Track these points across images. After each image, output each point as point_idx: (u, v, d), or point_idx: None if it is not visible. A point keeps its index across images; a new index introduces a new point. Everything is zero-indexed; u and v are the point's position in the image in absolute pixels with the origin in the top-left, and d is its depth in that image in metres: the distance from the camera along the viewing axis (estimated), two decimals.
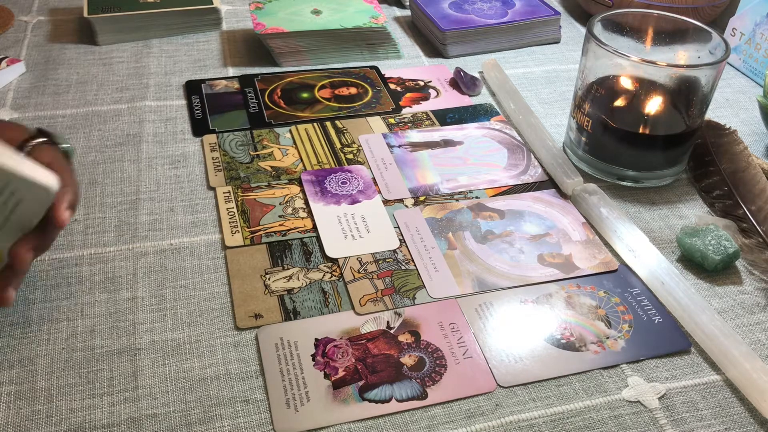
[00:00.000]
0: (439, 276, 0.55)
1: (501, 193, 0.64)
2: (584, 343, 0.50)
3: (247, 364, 0.48)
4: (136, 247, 0.56)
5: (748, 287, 0.56)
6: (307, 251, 0.57)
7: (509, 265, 0.56)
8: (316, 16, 0.83)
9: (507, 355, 0.49)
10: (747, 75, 0.85)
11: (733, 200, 0.62)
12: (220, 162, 0.66)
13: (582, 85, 0.65)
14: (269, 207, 0.61)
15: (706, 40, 0.64)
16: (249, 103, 0.74)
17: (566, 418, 0.45)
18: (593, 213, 0.61)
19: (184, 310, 0.51)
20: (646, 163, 0.65)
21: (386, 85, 0.79)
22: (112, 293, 0.52)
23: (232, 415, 0.45)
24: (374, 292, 0.53)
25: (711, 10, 0.89)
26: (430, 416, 0.45)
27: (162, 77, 0.78)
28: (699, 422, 0.46)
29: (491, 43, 0.87)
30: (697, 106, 0.63)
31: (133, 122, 0.71)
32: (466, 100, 0.77)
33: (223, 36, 0.87)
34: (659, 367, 0.49)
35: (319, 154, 0.67)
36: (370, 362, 0.48)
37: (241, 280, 0.54)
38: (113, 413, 0.44)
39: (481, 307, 0.53)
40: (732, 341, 0.49)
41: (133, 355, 0.48)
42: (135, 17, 0.83)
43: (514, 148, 0.70)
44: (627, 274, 0.56)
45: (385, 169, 0.66)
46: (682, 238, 0.58)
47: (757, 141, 0.73)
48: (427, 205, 0.62)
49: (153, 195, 0.62)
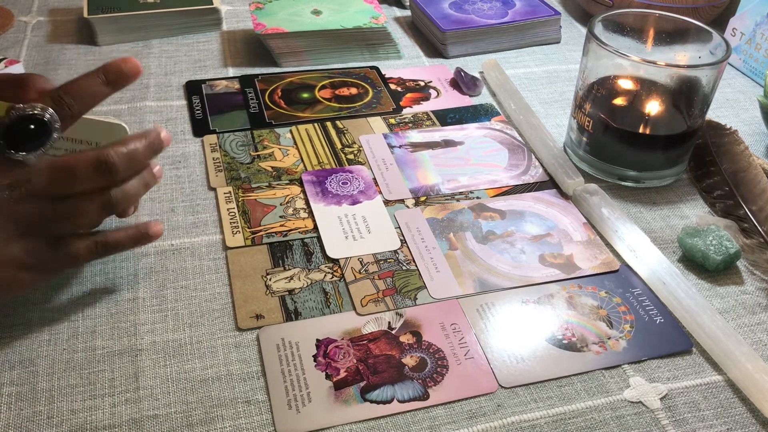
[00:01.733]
0: (440, 276, 0.55)
1: (502, 193, 0.64)
2: (586, 344, 0.50)
3: (248, 364, 0.48)
4: (137, 248, 0.56)
5: (749, 287, 0.56)
6: (308, 252, 0.57)
7: (510, 266, 0.56)
8: (316, 16, 0.83)
9: (509, 356, 0.49)
10: (747, 75, 0.85)
11: (734, 200, 0.62)
12: (221, 162, 0.65)
13: (583, 85, 0.65)
14: (270, 207, 0.61)
15: (707, 40, 0.64)
16: (249, 104, 0.74)
17: (568, 419, 0.45)
18: (594, 213, 0.61)
19: (185, 310, 0.51)
20: (647, 164, 0.65)
21: (387, 86, 0.79)
22: (113, 294, 0.52)
23: (233, 416, 0.45)
24: (375, 293, 0.53)
25: (711, 10, 0.89)
26: (432, 417, 0.45)
27: (162, 77, 0.78)
28: (701, 423, 0.46)
29: (492, 44, 0.86)
30: (698, 106, 0.63)
31: (133, 122, 0.71)
32: (466, 100, 0.77)
33: (224, 36, 0.87)
34: (661, 368, 0.49)
35: (319, 155, 0.67)
36: (371, 363, 0.48)
37: (242, 281, 0.54)
38: (114, 414, 0.44)
39: (483, 308, 0.53)
40: (734, 341, 0.49)
41: (134, 355, 0.48)
42: (135, 17, 0.83)
43: (515, 149, 0.70)
44: (628, 274, 0.56)
45: (386, 170, 0.66)
46: (683, 238, 0.58)
47: (757, 141, 0.73)
48: (428, 206, 0.62)
49: (153, 195, 0.61)
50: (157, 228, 0.52)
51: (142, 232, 0.51)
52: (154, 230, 0.52)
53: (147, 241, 0.52)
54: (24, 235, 0.45)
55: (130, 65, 0.47)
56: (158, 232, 0.52)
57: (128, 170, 0.48)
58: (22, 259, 0.45)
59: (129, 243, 0.51)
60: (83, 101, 0.46)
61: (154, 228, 0.52)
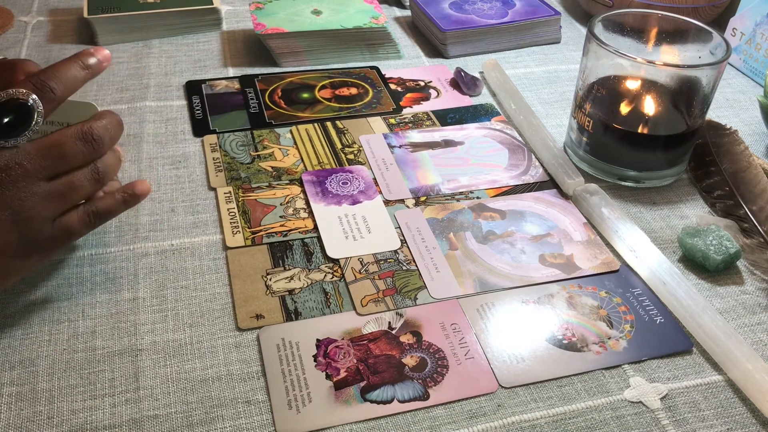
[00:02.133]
0: (440, 276, 0.55)
1: (502, 193, 0.64)
2: (586, 344, 0.50)
3: (248, 364, 0.48)
4: (137, 248, 0.56)
5: (749, 287, 0.56)
6: (308, 252, 0.57)
7: (511, 266, 0.56)
8: (316, 16, 0.83)
9: (509, 356, 0.49)
10: (747, 75, 0.85)
11: (734, 200, 0.62)
12: (221, 162, 0.65)
13: (583, 85, 0.65)
14: (270, 207, 0.61)
15: (707, 40, 0.64)
16: (249, 104, 0.74)
17: (568, 419, 0.45)
18: (594, 213, 0.61)
19: (186, 310, 0.51)
20: (647, 164, 0.65)
21: (387, 86, 0.79)
22: (113, 294, 0.52)
23: (233, 416, 0.45)
24: (376, 293, 0.53)
25: (711, 10, 0.89)
26: (432, 417, 0.45)
27: (162, 77, 0.78)
28: (701, 423, 0.46)
29: (492, 44, 0.86)
30: (698, 106, 0.63)
31: (133, 122, 0.71)
32: (466, 100, 0.77)
33: (224, 36, 0.87)
34: (661, 368, 0.49)
35: (319, 155, 0.67)
36: (371, 363, 0.48)
37: (243, 281, 0.54)
38: (114, 414, 0.44)
39: (483, 308, 0.53)
40: (734, 341, 0.49)
41: (134, 356, 0.48)
42: (135, 17, 0.83)
43: (515, 149, 0.70)
44: (628, 274, 0.56)
45: (386, 170, 0.66)
46: (683, 238, 0.58)
47: (757, 141, 0.73)
48: (428, 206, 0.62)
49: (154, 195, 0.61)
50: (144, 186, 0.52)
51: (130, 192, 0.51)
52: (141, 188, 0.52)
53: (136, 200, 0.52)
54: (19, 221, 0.45)
55: (102, 54, 0.50)
56: (146, 190, 0.52)
57: (109, 141, 0.48)
58: (18, 246, 0.45)
59: (119, 206, 0.51)
60: (65, 85, 0.47)
61: (141, 186, 0.52)
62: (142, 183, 0.52)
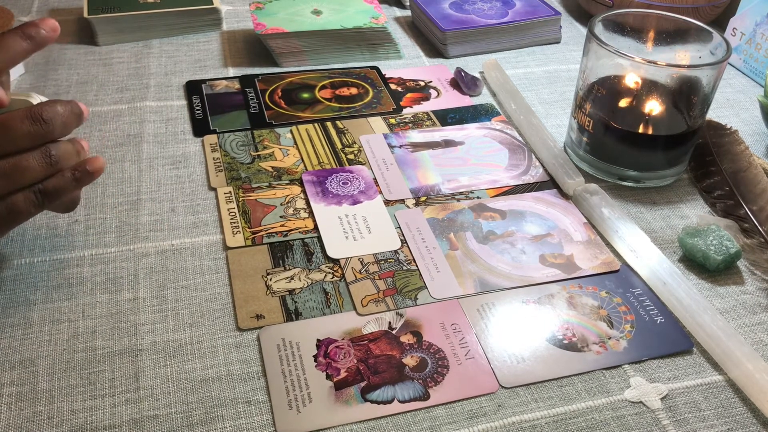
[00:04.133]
0: (440, 276, 0.55)
1: (502, 193, 0.64)
2: (586, 344, 0.50)
3: (248, 365, 0.48)
4: (137, 248, 0.56)
5: (749, 287, 0.56)
6: (309, 252, 0.57)
7: (511, 266, 0.56)
8: (316, 16, 0.83)
9: (509, 356, 0.49)
10: (747, 75, 0.85)
11: (734, 200, 0.62)
12: (221, 162, 0.65)
13: (583, 85, 0.65)
14: (270, 207, 0.61)
15: (707, 40, 0.64)
16: (249, 104, 0.74)
17: (569, 419, 0.45)
18: (594, 213, 0.61)
19: (186, 310, 0.51)
20: (647, 164, 0.65)
21: (387, 86, 0.79)
22: (114, 294, 0.52)
23: (233, 416, 0.45)
24: (376, 293, 0.53)
25: (711, 10, 0.89)
26: (433, 417, 0.45)
27: (162, 77, 0.78)
28: (702, 423, 0.46)
29: (492, 44, 0.86)
30: (698, 106, 0.63)
31: (133, 122, 0.71)
32: (466, 100, 0.77)
33: (224, 36, 0.87)
34: (661, 368, 0.49)
35: (320, 155, 0.67)
36: (372, 363, 0.48)
37: (243, 281, 0.54)
38: (115, 414, 0.44)
39: (483, 308, 0.53)
40: (734, 341, 0.49)
41: (134, 356, 0.48)
42: (135, 17, 0.83)
43: (515, 149, 0.70)
44: (629, 274, 0.56)
45: (386, 170, 0.66)
46: (683, 238, 0.58)
47: (757, 141, 0.73)
48: (429, 206, 0.62)
49: (154, 195, 0.61)
50: (98, 163, 0.49)
51: (82, 169, 0.49)
52: (95, 166, 0.49)
53: (90, 178, 0.49)
54: None
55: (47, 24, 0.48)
56: (99, 167, 0.49)
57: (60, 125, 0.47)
58: None
59: (70, 184, 0.49)
60: (7, 57, 0.46)
61: (95, 163, 0.49)
62: (96, 160, 0.49)
